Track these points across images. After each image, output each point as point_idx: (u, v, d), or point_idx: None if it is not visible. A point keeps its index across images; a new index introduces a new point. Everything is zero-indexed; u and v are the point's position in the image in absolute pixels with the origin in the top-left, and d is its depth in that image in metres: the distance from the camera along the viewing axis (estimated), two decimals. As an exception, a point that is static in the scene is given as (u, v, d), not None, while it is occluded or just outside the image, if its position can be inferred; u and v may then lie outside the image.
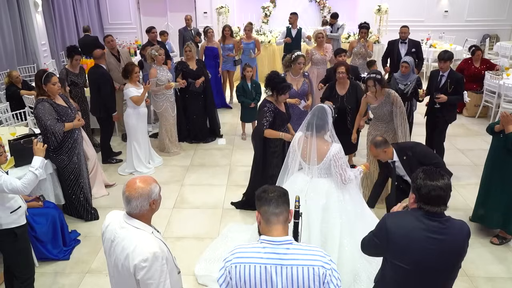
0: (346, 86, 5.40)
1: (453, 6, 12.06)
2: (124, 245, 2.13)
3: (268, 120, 4.47)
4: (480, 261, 4.13)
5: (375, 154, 3.97)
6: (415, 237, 2.20)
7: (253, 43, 8.52)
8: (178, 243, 4.47)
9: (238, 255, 2.01)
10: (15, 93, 6.87)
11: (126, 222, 2.19)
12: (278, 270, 1.95)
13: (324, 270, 1.95)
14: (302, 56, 5.22)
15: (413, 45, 7.50)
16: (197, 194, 5.45)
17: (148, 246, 2.10)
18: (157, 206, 2.25)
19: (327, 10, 11.65)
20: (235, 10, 11.77)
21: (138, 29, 12.69)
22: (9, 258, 3.44)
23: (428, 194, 2.17)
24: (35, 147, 3.32)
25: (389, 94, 4.79)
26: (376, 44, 10.48)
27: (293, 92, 5.27)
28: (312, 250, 2.01)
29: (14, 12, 8.56)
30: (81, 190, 4.79)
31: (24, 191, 3.16)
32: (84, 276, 4.01)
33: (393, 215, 2.36)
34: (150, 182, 2.20)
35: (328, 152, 3.44)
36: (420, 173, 2.25)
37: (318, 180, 3.54)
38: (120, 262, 2.15)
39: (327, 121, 3.49)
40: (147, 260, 2.07)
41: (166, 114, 6.43)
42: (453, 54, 5.56)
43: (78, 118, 4.62)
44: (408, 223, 2.23)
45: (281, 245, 1.97)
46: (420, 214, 2.22)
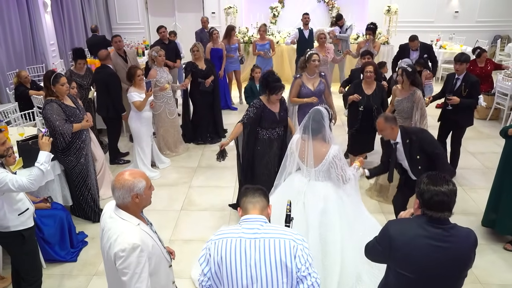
0: (373, 86, 5.36)
1: (464, 6, 11.92)
2: (110, 234, 2.22)
3: (249, 115, 4.41)
4: (493, 268, 4.04)
5: (382, 128, 3.86)
6: (417, 245, 2.14)
7: (268, 43, 8.48)
8: (186, 246, 4.43)
9: (218, 233, 2.20)
10: (23, 93, 6.88)
11: (114, 212, 2.27)
12: (252, 243, 2.10)
13: (295, 244, 2.09)
14: (316, 54, 5.16)
15: (425, 50, 7.39)
16: (205, 196, 5.42)
17: (129, 237, 2.17)
18: (142, 200, 2.28)
19: (336, 10, 11.56)
20: (243, 11, 11.73)
21: (146, 29, 12.70)
22: (17, 261, 3.42)
23: (431, 199, 2.12)
24: (40, 141, 3.27)
25: (414, 92, 4.86)
26: (385, 45, 10.40)
27: (309, 92, 5.21)
28: (284, 229, 2.18)
29: (23, 12, 8.59)
30: (88, 191, 4.77)
31: (31, 187, 3.12)
32: (91, 279, 3.99)
33: (396, 222, 2.31)
34: (135, 176, 2.25)
35: (327, 154, 3.39)
36: (424, 178, 2.20)
37: (316, 183, 3.48)
38: (105, 250, 2.25)
39: (324, 124, 3.44)
40: (125, 250, 2.14)
41: (162, 115, 6.39)
42: (469, 56, 5.46)
43: (86, 119, 4.60)
44: (411, 230, 2.18)
45: (255, 222, 2.15)
46: (423, 221, 2.16)
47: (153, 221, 4.68)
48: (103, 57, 6.17)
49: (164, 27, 7.93)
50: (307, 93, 5.23)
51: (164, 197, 5.38)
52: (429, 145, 3.82)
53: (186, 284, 3.88)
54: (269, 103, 4.47)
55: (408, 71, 4.86)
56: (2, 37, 7.93)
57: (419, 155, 3.82)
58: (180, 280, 3.89)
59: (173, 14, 12.54)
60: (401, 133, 3.89)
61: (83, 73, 6.19)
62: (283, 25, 11.56)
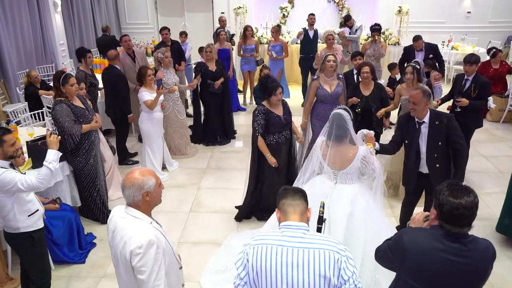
0: (371, 87, 5.31)
1: (476, 6, 11.74)
2: (123, 233, 2.20)
3: (260, 123, 4.39)
4: (509, 274, 3.95)
5: (417, 101, 3.73)
6: (433, 258, 2.02)
7: (279, 45, 8.41)
8: (194, 248, 4.39)
9: (257, 238, 2.13)
10: (33, 93, 6.90)
11: (125, 212, 2.27)
12: (294, 252, 2.02)
13: (339, 256, 2.02)
14: (331, 55, 5.11)
15: (430, 50, 7.29)
16: (214, 198, 5.37)
17: (144, 234, 2.15)
18: (152, 198, 2.26)
19: (346, 10, 11.46)
20: (253, 11, 11.66)
21: (155, 29, 12.68)
22: (26, 262, 3.41)
23: (450, 213, 1.97)
24: (48, 140, 3.24)
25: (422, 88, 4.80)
26: (396, 46, 10.28)
27: (326, 94, 5.15)
28: (327, 239, 2.10)
29: (33, 12, 8.61)
30: (97, 192, 4.75)
31: (41, 187, 3.10)
32: (99, 281, 3.96)
33: (411, 231, 2.18)
34: (145, 174, 2.25)
35: (355, 157, 3.36)
36: (444, 188, 2.04)
37: (343, 186, 3.43)
38: (119, 250, 2.21)
39: (348, 128, 3.40)
40: (142, 246, 2.11)
41: (171, 116, 6.36)
42: (479, 57, 5.37)
43: (95, 119, 4.58)
44: (427, 243, 2.05)
45: (298, 229, 2.08)
46: (441, 234, 2.03)
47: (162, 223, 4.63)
48: (111, 57, 6.17)
49: (167, 29, 7.87)
50: (324, 95, 5.16)
51: (173, 199, 5.35)
52: (457, 134, 3.73)
53: (194, 287, 3.83)
54: (272, 106, 4.45)
55: (417, 68, 4.93)
56: (12, 37, 7.96)
57: (441, 142, 3.74)
58: (188, 284, 3.83)
59: (183, 14, 12.53)
60: (431, 114, 3.79)
61: (89, 72, 6.21)
62: (293, 26, 11.48)
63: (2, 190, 3.03)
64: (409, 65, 5.06)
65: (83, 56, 6.12)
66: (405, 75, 5.05)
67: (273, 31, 8.47)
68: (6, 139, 3.06)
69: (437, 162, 3.84)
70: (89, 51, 6.29)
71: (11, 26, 7.92)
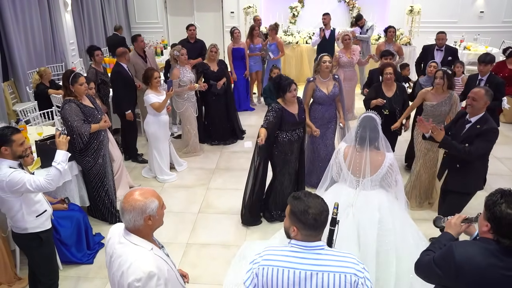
0: (393, 88, 5.24)
1: (489, 6, 11.56)
2: (120, 261, 2.03)
3: (269, 120, 4.34)
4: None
5: (477, 97, 3.65)
6: (491, 277, 1.86)
7: (274, 44, 8.35)
8: (203, 250, 4.34)
9: (267, 257, 1.99)
10: (43, 92, 6.89)
11: (124, 237, 2.09)
12: (307, 276, 1.90)
13: (356, 278, 1.90)
14: (326, 55, 5.03)
15: (450, 53, 7.15)
16: (223, 198, 5.32)
17: (143, 265, 1.99)
18: (155, 222, 2.10)
19: (357, 10, 11.35)
20: (263, 10, 11.61)
21: (165, 29, 12.69)
22: (34, 263, 3.40)
23: (508, 226, 1.80)
24: (57, 140, 3.21)
25: (452, 95, 4.72)
26: (408, 46, 10.16)
27: (323, 95, 5.09)
28: (345, 257, 1.96)
29: (44, 12, 8.63)
30: (106, 192, 4.73)
31: (49, 187, 3.07)
32: (107, 282, 3.89)
33: (462, 246, 1.99)
34: (147, 196, 2.07)
35: (383, 162, 3.27)
36: (500, 200, 1.85)
37: (368, 193, 3.32)
38: (116, 279, 2.06)
39: (379, 131, 3.32)
40: (141, 280, 1.96)
41: (187, 114, 6.32)
42: (494, 57, 5.26)
43: (104, 119, 4.54)
44: (483, 259, 1.87)
45: (312, 250, 1.94)
46: (497, 249, 1.87)
47: (170, 224, 4.64)
48: (119, 54, 6.20)
49: (194, 26, 7.84)
50: (321, 97, 5.10)
51: (181, 199, 5.31)
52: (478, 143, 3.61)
53: (203, 290, 3.79)
54: (287, 104, 4.41)
55: (448, 73, 4.68)
56: (23, 36, 7.98)
57: (468, 144, 3.66)
58: (197, 286, 3.82)
59: (192, 13, 12.50)
60: (482, 117, 3.70)
61: (102, 70, 6.29)
62: (303, 25, 11.40)
63: (10, 190, 3.00)
64: (440, 69, 4.77)
65: (92, 54, 6.21)
66: (434, 79, 4.76)
67: (270, 29, 8.38)
68: (15, 139, 3.03)
69: (458, 162, 3.77)
70: (98, 48, 6.34)
71: (22, 25, 7.94)
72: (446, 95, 4.71)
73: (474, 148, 3.60)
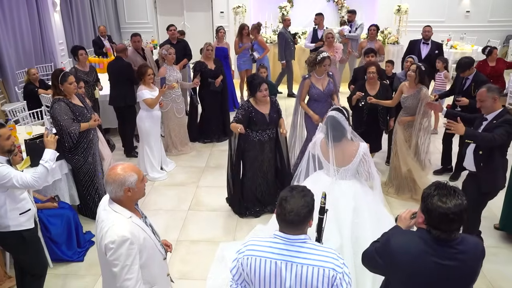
0: (377, 87, 5.34)
1: (475, 6, 11.75)
2: (102, 226, 2.27)
3: (237, 117, 4.45)
4: (507, 271, 3.95)
5: (482, 97, 3.74)
6: (422, 264, 1.95)
7: (255, 43, 8.40)
8: (193, 246, 4.39)
9: (251, 247, 2.07)
10: (32, 91, 6.88)
11: (108, 205, 2.32)
12: (288, 267, 1.97)
13: (335, 272, 1.95)
14: (328, 58, 5.10)
15: (436, 47, 7.29)
16: (213, 196, 5.37)
17: (119, 229, 2.20)
18: (134, 193, 2.31)
19: (345, 10, 11.45)
20: (252, 10, 11.66)
21: (155, 29, 12.70)
22: (20, 260, 3.39)
23: (438, 219, 1.89)
24: (46, 139, 3.23)
25: (421, 90, 4.89)
26: (395, 45, 10.29)
27: (319, 92, 5.16)
28: (325, 251, 2.00)
29: (32, 11, 8.61)
30: (96, 190, 4.74)
31: (35, 185, 3.09)
32: (98, 279, 3.95)
33: (399, 235, 2.10)
34: (127, 171, 2.28)
35: (357, 152, 3.38)
36: (433, 191, 1.93)
37: (343, 182, 3.45)
38: (98, 241, 2.32)
39: (344, 127, 3.43)
40: (114, 242, 2.18)
41: (170, 114, 6.37)
42: (472, 59, 5.33)
43: (94, 118, 4.57)
44: (415, 247, 1.97)
45: (294, 242, 1.99)
46: (429, 238, 1.96)
47: (161, 221, 4.67)
48: (119, 50, 6.32)
49: (174, 26, 7.86)
50: (317, 93, 5.18)
51: (172, 197, 5.35)
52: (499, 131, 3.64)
53: (194, 285, 3.82)
54: (258, 104, 4.47)
55: (422, 69, 4.87)
56: (11, 36, 7.95)
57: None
58: (187, 281, 3.86)
59: (182, 13, 12.52)
60: (499, 114, 3.74)
61: (87, 69, 6.26)
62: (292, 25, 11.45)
63: None
64: (417, 64, 4.99)
65: (76, 54, 6.22)
66: (408, 70, 5.01)
67: (252, 29, 8.43)
68: (0, 133, 3.05)
69: (482, 161, 3.83)
70: (82, 48, 6.33)
71: (10, 25, 7.91)
72: (416, 89, 4.91)
73: (497, 135, 3.63)
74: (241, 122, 4.41)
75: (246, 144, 4.60)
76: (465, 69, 5.22)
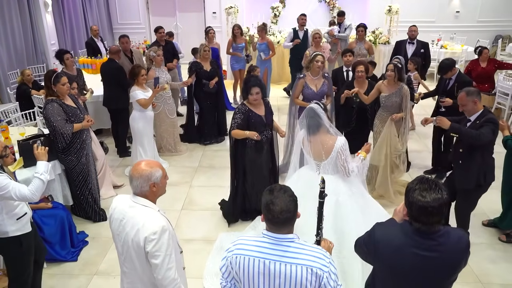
0: (365, 86, 5.38)
1: (465, 6, 11.91)
2: (134, 221, 2.29)
3: (237, 122, 4.41)
4: (495, 267, 4.03)
5: (463, 102, 3.85)
6: (404, 254, 2.04)
7: (265, 44, 8.42)
8: (187, 245, 4.40)
9: (239, 247, 2.10)
10: (25, 92, 6.88)
11: (133, 201, 2.36)
12: (276, 266, 2.00)
13: (322, 272, 1.98)
14: (320, 55, 5.16)
15: (422, 46, 7.40)
16: (206, 195, 5.41)
17: (157, 220, 2.28)
18: (159, 189, 2.39)
19: (337, 10, 11.55)
20: (244, 10, 11.72)
21: (147, 29, 12.71)
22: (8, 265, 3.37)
23: (418, 212, 1.98)
24: (36, 152, 3.21)
25: (402, 87, 4.96)
26: (386, 45, 10.39)
27: (312, 93, 5.21)
28: (312, 251, 2.03)
29: (24, 12, 8.59)
30: (89, 191, 4.77)
31: (33, 199, 3.08)
32: (92, 278, 3.99)
33: (383, 227, 2.20)
34: (152, 166, 2.35)
35: (334, 145, 3.44)
36: (415, 186, 2.02)
37: (328, 177, 3.45)
38: (130, 237, 2.30)
39: (319, 118, 3.49)
40: (156, 233, 2.23)
41: (162, 115, 6.39)
42: (452, 61, 5.42)
43: (87, 119, 4.59)
44: (397, 238, 2.07)
45: (282, 241, 2.02)
46: (411, 230, 2.05)
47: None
48: (113, 51, 6.34)
49: (163, 28, 7.88)
50: (310, 94, 5.22)
51: (165, 197, 5.20)
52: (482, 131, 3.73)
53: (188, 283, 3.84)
54: (253, 106, 4.47)
55: (399, 67, 4.95)
56: (3, 37, 7.93)
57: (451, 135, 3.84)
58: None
59: (174, 14, 12.55)
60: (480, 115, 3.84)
61: (75, 73, 6.19)
62: (284, 25, 11.55)
63: None
64: (391, 62, 5.09)
65: (61, 59, 6.13)
66: (386, 71, 5.07)
67: (259, 30, 8.49)
68: None
69: (460, 158, 3.93)
70: (67, 51, 6.23)
71: (1, 26, 7.90)
72: (397, 87, 4.97)
73: (482, 133, 3.72)
74: (241, 127, 4.40)
75: (245, 147, 4.57)
76: (446, 71, 5.33)
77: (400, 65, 5.02)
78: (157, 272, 2.28)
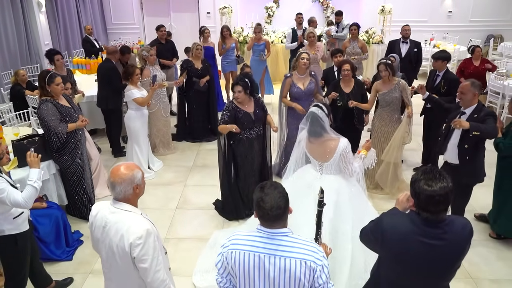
0: (351, 84, 5.42)
1: (457, 6, 12.01)
2: (117, 227, 2.26)
3: (223, 119, 4.51)
4: (485, 263, 4.10)
5: (464, 90, 3.92)
6: (410, 242, 2.10)
7: (263, 44, 8.45)
8: (181, 244, 4.46)
9: (235, 242, 2.13)
10: (19, 92, 6.87)
11: (115, 207, 2.33)
12: (271, 260, 2.04)
13: (315, 265, 2.03)
14: (305, 53, 5.21)
15: (415, 45, 7.47)
16: (200, 195, 5.44)
17: (141, 224, 2.25)
18: (141, 190, 2.39)
19: (331, 10, 11.62)
20: (238, 11, 11.76)
21: (141, 29, 12.71)
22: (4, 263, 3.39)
23: (426, 201, 2.04)
24: (29, 159, 3.21)
25: (399, 82, 5.05)
26: (380, 45, 10.46)
27: (299, 91, 5.26)
28: (306, 245, 2.07)
29: (17, 13, 8.57)
30: (84, 190, 4.79)
31: (26, 206, 3.09)
32: (87, 277, 4.01)
33: (390, 216, 2.26)
34: (132, 168, 2.34)
35: (337, 147, 3.47)
36: (420, 177, 2.08)
37: (328, 177, 3.55)
38: (115, 243, 2.27)
39: (324, 124, 3.51)
40: (142, 237, 2.21)
41: (158, 114, 6.43)
42: (448, 55, 5.51)
43: (81, 118, 4.61)
44: (404, 227, 2.13)
45: (276, 236, 2.06)
46: (418, 219, 2.11)
47: (149, 220, 4.68)
48: (109, 51, 6.37)
49: (164, 27, 7.91)
50: (297, 92, 5.28)
51: (159, 196, 5.40)
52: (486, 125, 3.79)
53: (181, 281, 3.89)
54: (239, 103, 4.52)
55: (389, 64, 5.02)
56: (-4, 37, 7.92)
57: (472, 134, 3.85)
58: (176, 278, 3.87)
59: (168, 14, 12.55)
60: (476, 108, 3.92)
61: (65, 73, 6.14)
62: (278, 25, 11.59)
63: None
64: (381, 62, 5.09)
65: (51, 59, 6.10)
66: (379, 73, 5.13)
67: (259, 31, 8.51)
68: None
69: (467, 154, 3.99)
70: (58, 52, 6.18)
71: (-5, 27, 7.88)
72: (394, 82, 5.05)
73: (493, 127, 3.80)
74: (228, 123, 4.47)
75: (235, 143, 4.64)
76: (438, 59, 5.40)
77: (389, 61, 5.09)
78: (146, 276, 2.27)
